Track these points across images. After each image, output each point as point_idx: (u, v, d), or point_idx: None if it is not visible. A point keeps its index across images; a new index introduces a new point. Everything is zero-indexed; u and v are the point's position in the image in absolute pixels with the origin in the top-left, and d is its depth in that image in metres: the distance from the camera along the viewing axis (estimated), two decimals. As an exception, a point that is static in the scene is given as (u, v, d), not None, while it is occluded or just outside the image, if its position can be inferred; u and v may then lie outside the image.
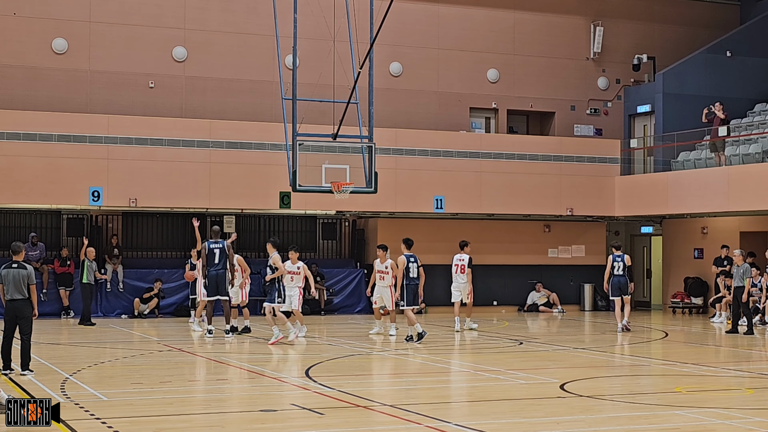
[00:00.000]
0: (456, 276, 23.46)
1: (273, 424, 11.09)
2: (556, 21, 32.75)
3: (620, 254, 23.53)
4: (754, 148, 28.19)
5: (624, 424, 11.16)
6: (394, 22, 26.19)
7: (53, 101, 27.70)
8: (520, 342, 21.15)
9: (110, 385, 14.26)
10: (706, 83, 31.65)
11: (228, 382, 14.48)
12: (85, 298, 24.66)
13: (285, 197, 27.17)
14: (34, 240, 27.20)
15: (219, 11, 29.54)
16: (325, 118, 23.98)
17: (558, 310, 30.70)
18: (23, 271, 14.66)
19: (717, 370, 16.54)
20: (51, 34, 28.03)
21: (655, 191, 29.60)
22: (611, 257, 23.57)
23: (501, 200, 29.70)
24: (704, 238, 30.70)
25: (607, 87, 33.31)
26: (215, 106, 29.15)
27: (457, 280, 23.44)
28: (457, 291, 23.49)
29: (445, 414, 11.62)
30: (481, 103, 32.11)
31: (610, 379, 15.36)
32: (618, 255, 23.50)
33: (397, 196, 28.44)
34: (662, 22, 33.94)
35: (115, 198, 26.54)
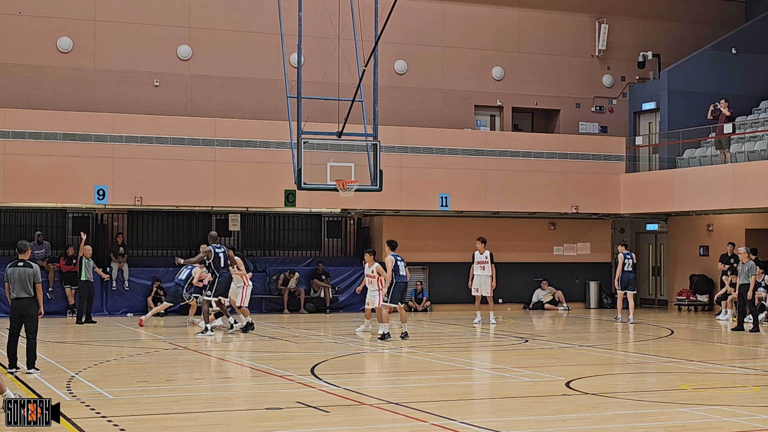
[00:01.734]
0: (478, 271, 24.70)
1: (278, 422, 11.09)
2: (561, 18, 32.72)
3: (629, 252, 25.67)
4: (759, 145, 28.14)
5: (630, 421, 11.15)
6: (398, 20, 26.19)
7: (58, 100, 27.72)
8: (525, 340, 21.14)
9: (116, 384, 14.27)
10: (711, 80, 31.60)
11: (233, 380, 14.48)
12: (82, 297, 24.67)
13: (290, 195, 27.17)
14: (39, 238, 27.23)
15: (224, 9, 29.54)
16: (330, 116, 24.00)
17: (563, 307, 30.69)
18: (29, 269, 14.67)
19: (723, 368, 16.52)
20: (56, 33, 28.05)
21: (661, 188, 29.55)
22: (622, 255, 25.48)
23: (506, 198, 29.68)
24: (710, 235, 30.65)
25: (612, 84, 33.27)
26: (220, 104, 29.16)
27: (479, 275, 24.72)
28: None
29: (450, 412, 11.61)
30: (485, 101, 32.09)
31: (616, 377, 15.35)
32: (628, 252, 25.55)
33: (402, 194, 28.43)
34: (667, 20, 33.90)
35: (121, 196, 26.57)
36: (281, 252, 30.46)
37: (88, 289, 24.68)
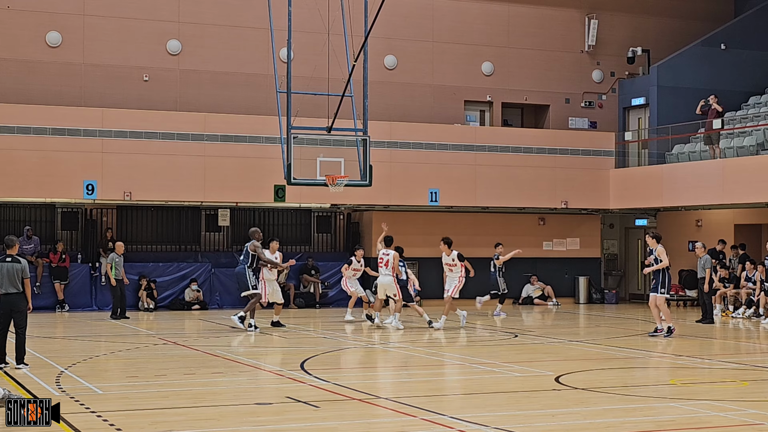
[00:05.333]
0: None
1: (268, 417, 11.08)
2: (551, 14, 32.74)
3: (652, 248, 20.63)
4: (748, 140, 28.22)
5: (619, 416, 11.17)
6: (388, 15, 26.16)
7: (47, 95, 27.65)
8: (515, 335, 21.17)
9: (105, 379, 14.26)
10: (700, 76, 31.65)
11: (223, 376, 14.47)
12: (115, 294, 24.69)
13: (280, 190, 27.15)
14: (28, 233, 27.17)
15: (213, 4, 29.49)
16: (320, 111, 23.97)
17: (553, 302, 30.73)
18: (17, 264, 14.64)
19: (711, 363, 16.56)
20: (45, 27, 27.98)
21: (650, 184, 29.61)
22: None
23: (496, 193, 29.70)
24: (699, 230, 30.72)
25: (601, 80, 33.32)
26: (210, 99, 29.12)
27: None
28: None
29: (440, 406, 11.62)
30: (475, 96, 32.11)
31: (605, 372, 15.38)
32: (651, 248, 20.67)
33: (391, 189, 28.43)
34: (657, 15, 33.95)
35: (110, 191, 26.51)
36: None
37: (119, 287, 24.63)
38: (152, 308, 27.35)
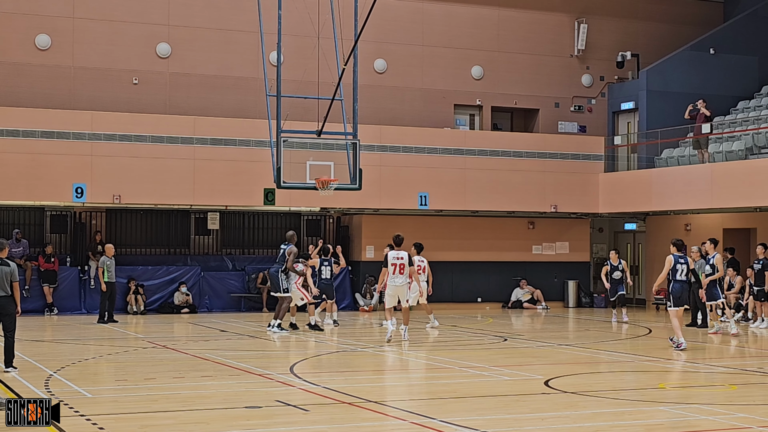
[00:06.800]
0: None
1: (258, 420, 11.08)
2: (541, 18, 32.80)
3: (683, 254, 19.21)
4: (737, 145, 28.30)
5: (608, 419, 11.19)
6: (378, 19, 26.19)
7: (36, 97, 27.59)
8: (504, 338, 21.18)
9: (95, 382, 14.23)
10: (689, 80, 31.74)
11: (212, 379, 14.45)
12: (104, 297, 24.67)
13: (269, 194, 27.13)
14: (17, 236, 27.10)
15: (203, 7, 29.47)
16: (310, 115, 23.97)
17: (542, 306, 30.76)
18: (6, 268, 14.60)
19: (700, 366, 16.59)
20: (34, 30, 27.92)
21: (639, 188, 29.67)
22: (672, 258, 18.99)
23: (485, 197, 29.73)
24: (688, 234, 30.76)
25: (591, 84, 33.38)
26: (199, 102, 29.09)
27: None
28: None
29: (429, 410, 11.63)
30: (465, 100, 32.14)
31: (594, 376, 15.40)
32: (681, 255, 19.12)
33: (381, 193, 28.44)
34: (646, 20, 34.03)
35: (99, 195, 26.46)
36: (260, 250, 30.42)
37: (110, 290, 24.59)
38: (141, 311, 27.27)
